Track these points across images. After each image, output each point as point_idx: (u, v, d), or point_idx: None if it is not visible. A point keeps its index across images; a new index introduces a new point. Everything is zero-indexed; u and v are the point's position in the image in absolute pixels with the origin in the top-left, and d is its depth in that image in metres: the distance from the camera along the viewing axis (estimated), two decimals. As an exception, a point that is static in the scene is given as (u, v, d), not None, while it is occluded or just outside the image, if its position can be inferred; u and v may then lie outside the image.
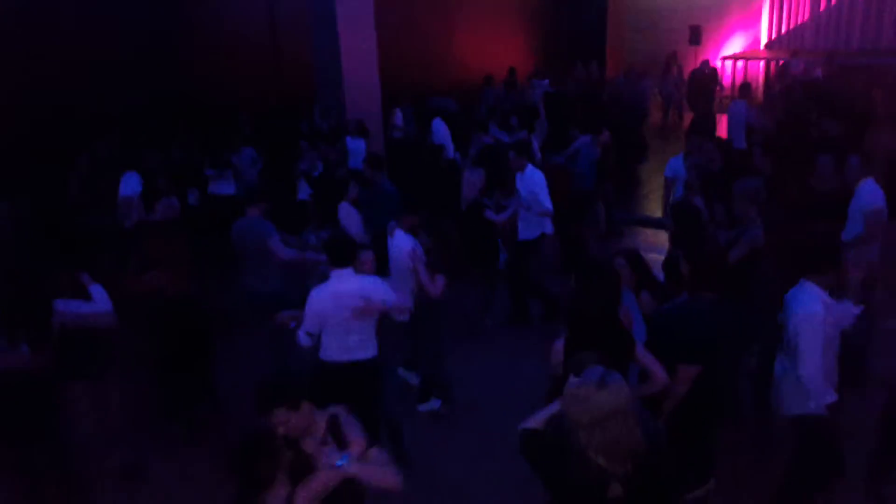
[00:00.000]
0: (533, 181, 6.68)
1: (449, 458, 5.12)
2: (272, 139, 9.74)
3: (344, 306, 4.32)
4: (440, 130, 10.01)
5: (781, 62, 15.45)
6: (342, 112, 10.27)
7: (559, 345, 3.99)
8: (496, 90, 13.67)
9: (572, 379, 2.68)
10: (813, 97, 10.64)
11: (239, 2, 11.72)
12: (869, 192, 5.54)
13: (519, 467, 4.82)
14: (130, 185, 7.38)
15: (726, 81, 17.47)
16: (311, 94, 10.94)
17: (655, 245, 8.39)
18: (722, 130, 11.61)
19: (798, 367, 3.77)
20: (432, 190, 8.01)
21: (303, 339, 4.44)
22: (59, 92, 9.18)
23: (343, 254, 4.44)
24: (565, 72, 15.56)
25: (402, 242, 5.38)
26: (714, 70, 15.93)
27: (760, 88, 16.47)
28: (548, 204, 6.68)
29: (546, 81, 14.18)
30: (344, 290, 4.35)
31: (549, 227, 6.93)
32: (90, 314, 4.39)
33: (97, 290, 4.47)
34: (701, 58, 16.68)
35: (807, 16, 17.95)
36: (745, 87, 11.04)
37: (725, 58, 17.94)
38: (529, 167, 6.76)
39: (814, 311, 3.73)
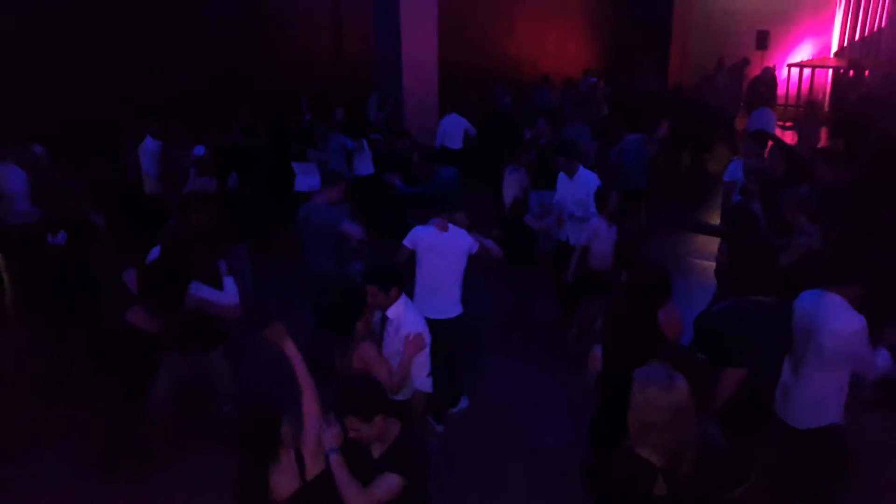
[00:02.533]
0: (586, 184, 6.51)
1: (484, 456, 5.11)
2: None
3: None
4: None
5: (851, 72, 14.97)
6: (400, 105, 10.40)
7: (598, 351, 4.02)
8: (544, 90, 13.60)
9: (640, 379, 2.72)
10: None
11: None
12: None
13: (551, 466, 4.94)
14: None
15: (792, 90, 17.03)
16: (370, 85, 11.09)
17: (707, 252, 8.28)
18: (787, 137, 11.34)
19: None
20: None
21: None
22: (117, 77, 9.46)
23: None
24: (630, 73, 15.39)
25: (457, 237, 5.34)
26: (774, 77, 15.57)
27: (827, 98, 15.99)
28: (594, 208, 6.45)
29: (594, 80, 14.09)
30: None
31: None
32: (217, 303, 4.58)
33: (229, 282, 4.67)
34: (767, 63, 16.28)
35: (884, 22, 17.35)
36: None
37: (792, 65, 17.47)
38: (581, 169, 6.64)
39: (862, 326, 3.63)
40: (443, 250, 5.24)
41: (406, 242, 5.27)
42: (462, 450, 5.11)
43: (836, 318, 3.66)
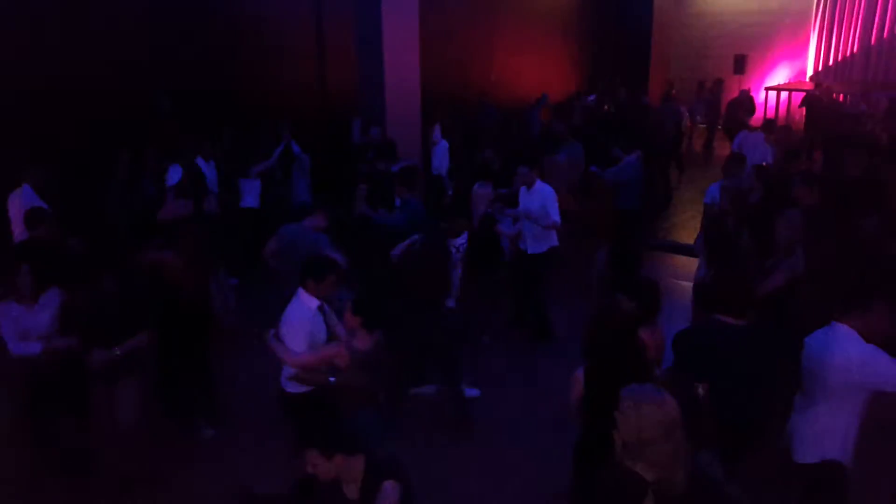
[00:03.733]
0: (544, 195, 6.85)
1: (469, 475, 5.12)
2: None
3: None
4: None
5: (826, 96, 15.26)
6: (383, 127, 10.41)
7: (580, 374, 4.02)
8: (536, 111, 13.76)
9: (632, 397, 2.70)
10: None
11: (286, 10, 11.94)
12: None
13: (539, 483, 4.93)
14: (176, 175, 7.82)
15: (770, 113, 17.31)
16: (354, 107, 11.10)
17: (688, 273, 8.33)
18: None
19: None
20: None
21: None
22: (97, 92, 9.34)
23: None
24: (608, 93, 15.60)
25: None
26: (751, 99, 15.89)
27: (803, 120, 16.27)
28: (556, 216, 6.82)
29: (592, 97, 14.32)
30: None
31: (555, 240, 7.09)
32: None
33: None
34: (745, 87, 16.58)
35: (857, 48, 17.72)
36: (769, 124, 11.22)
37: (769, 88, 17.77)
38: (538, 182, 6.95)
39: (870, 352, 3.56)
40: None
41: None
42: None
43: (841, 352, 3.59)
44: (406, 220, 6.71)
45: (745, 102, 15.43)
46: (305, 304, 4.42)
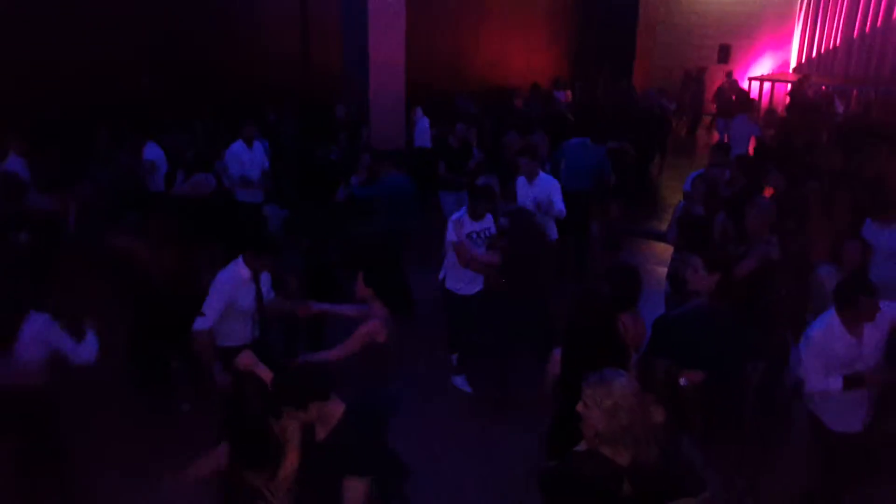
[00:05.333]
0: (549, 185, 6.81)
1: (448, 462, 5.16)
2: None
3: None
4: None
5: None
6: (366, 113, 10.39)
7: (557, 354, 4.08)
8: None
9: (602, 383, 2.76)
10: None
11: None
12: None
13: (514, 471, 4.98)
14: (153, 152, 7.81)
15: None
16: (338, 90, 11.06)
17: (659, 256, 8.44)
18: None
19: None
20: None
21: None
22: (77, 78, 9.27)
23: None
24: (593, 82, 15.65)
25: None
26: (737, 83, 16.10)
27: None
28: (561, 206, 6.77)
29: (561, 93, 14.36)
30: None
31: (554, 233, 7.05)
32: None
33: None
34: (730, 77, 16.67)
35: (839, 41, 17.85)
36: (747, 102, 11.29)
37: (752, 78, 17.87)
38: (542, 173, 6.92)
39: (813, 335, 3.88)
40: None
41: None
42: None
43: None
44: (382, 193, 7.06)
45: (735, 87, 15.62)
46: (239, 271, 4.60)
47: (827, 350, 3.98)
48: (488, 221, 5.95)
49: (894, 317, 4.07)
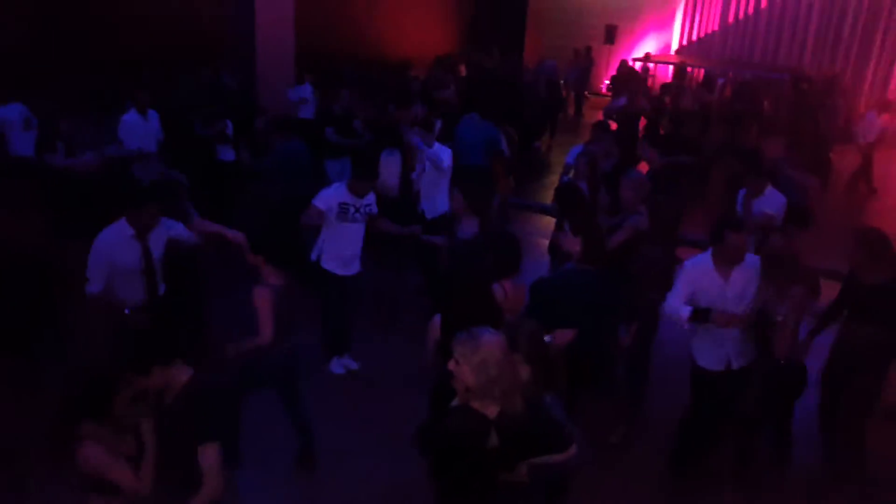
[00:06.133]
0: (441, 149, 6.91)
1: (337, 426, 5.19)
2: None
3: None
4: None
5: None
6: (253, 78, 10.09)
7: (437, 320, 4.17)
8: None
9: (469, 341, 2.88)
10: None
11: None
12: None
13: (402, 433, 5.04)
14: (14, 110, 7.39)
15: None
16: (223, 53, 10.66)
17: (544, 230, 8.71)
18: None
19: None
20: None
21: None
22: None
23: None
24: (484, 57, 15.76)
25: None
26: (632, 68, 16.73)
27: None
28: (449, 163, 6.90)
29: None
30: None
31: (445, 204, 7.00)
32: None
33: None
34: (615, 57, 17.27)
35: (716, 25, 18.80)
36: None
37: (636, 59, 18.57)
38: (436, 143, 6.95)
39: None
40: None
41: None
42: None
43: None
44: (278, 162, 7.07)
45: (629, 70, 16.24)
46: (118, 230, 4.54)
47: (695, 282, 4.32)
48: (370, 199, 5.78)
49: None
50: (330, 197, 5.56)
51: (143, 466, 3.02)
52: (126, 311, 4.55)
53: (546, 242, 8.39)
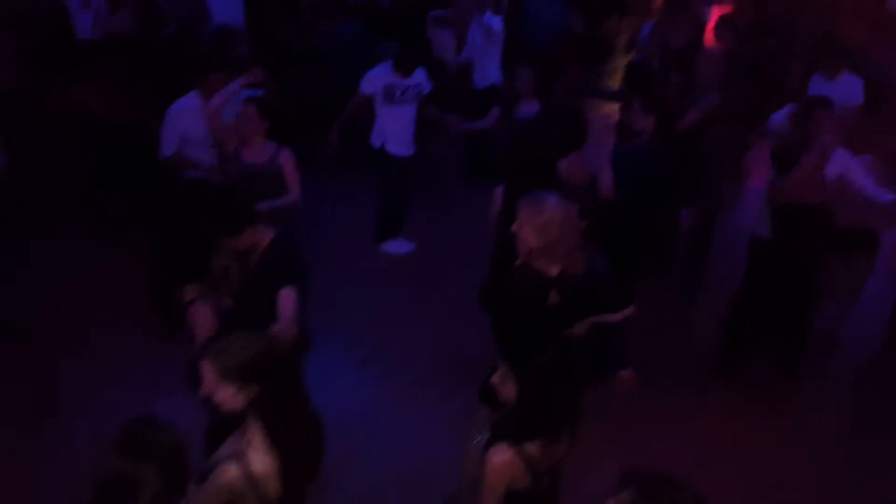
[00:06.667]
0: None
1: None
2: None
3: None
4: None
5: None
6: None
7: (498, 192, 4.26)
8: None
9: (533, 204, 2.94)
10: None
11: None
12: None
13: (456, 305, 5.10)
14: None
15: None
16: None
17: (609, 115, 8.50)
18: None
19: None
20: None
21: None
22: None
23: None
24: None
25: None
26: None
27: None
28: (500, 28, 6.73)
29: None
30: None
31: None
32: None
33: None
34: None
35: None
36: None
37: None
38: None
39: None
40: None
41: None
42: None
43: None
44: (330, 49, 6.61)
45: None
46: (187, 102, 4.61)
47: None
48: (418, 78, 5.57)
49: None
50: (375, 79, 5.47)
51: None
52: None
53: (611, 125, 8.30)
